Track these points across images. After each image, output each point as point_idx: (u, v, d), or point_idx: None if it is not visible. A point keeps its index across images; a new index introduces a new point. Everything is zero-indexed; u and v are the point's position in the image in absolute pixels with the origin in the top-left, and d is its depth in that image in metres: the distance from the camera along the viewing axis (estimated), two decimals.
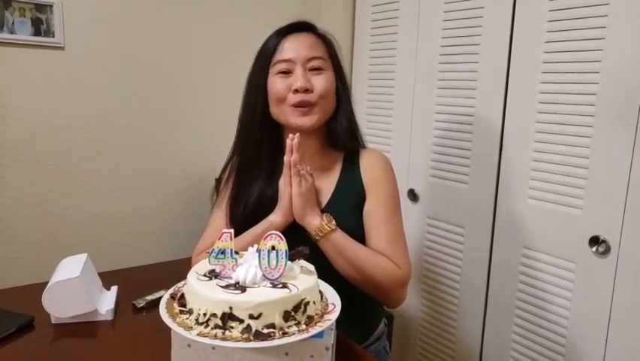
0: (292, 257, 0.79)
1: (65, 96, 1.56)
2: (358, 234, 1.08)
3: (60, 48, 1.53)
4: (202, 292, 0.74)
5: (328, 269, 0.97)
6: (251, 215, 1.09)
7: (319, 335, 0.75)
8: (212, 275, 0.79)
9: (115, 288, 1.18)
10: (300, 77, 1.05)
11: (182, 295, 0.81)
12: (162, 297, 0.82)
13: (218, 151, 1.27)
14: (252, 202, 1.10)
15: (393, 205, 1.11)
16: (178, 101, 1.77)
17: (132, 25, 1.65)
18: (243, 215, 1.10)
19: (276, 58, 1.08)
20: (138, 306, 1.12)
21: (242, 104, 1.15)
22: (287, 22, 1.12)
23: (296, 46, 1.07)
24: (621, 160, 1.23)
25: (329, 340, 0.76)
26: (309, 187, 1.04)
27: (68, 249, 1.26)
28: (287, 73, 1.07)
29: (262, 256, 0.77)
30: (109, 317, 1.07)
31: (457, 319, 1.70)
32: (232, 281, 0.77)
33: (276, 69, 1.07)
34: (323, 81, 1.07)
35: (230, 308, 0.71)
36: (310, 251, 0.83)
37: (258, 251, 0.77)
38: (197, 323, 0.73)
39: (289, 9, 1.89)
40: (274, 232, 0.77)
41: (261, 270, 0.76)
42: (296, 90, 1.05)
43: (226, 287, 0.75)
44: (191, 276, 0.79)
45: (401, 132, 1.84)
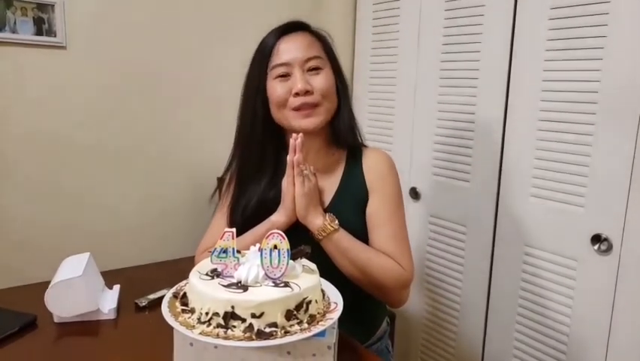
0: (294, 256, 0.79)
1: (67, 96, 1.57)
2: (361, 233, 1.07)
3: (62, 48, 1.53)
4: (204, 291, 0.74)
5: (330, 268, 0.97)
6: (251, 217, 1.08)
7: (321, 334, 0.75)
8: (214, 274, 0.79)
9: (117, 287, 1.18)
10: (299, 80, 1.04)
11: (184, 294, 0.81)
12: (164, 296, 0.82)
13: (220, 150, 1.26)
14: (253, 205, 1.09)
15: (396, 205, 1.11)
16: (180, 100, 1.77)
17: (134, 25, 1.65)
18: (242, 217, 1.10)
19: (274, 62, 1.07)
20: (140, 305, 1.12)
21: (240, 108, 1.14)
22: (287, 21, 1.11)
23: (292, 47, 1.06)
24: (623, 158, 1.23)
25: (331, 339, 0.76)
26: (313, 187, 1.03)
27: (71, 248, 1.26)
28: (285, 76, 1.06)
29: (264, 255, 0.76)
30: (111, 316, 1.07)
31: (459, 317, 1.70)
32: (234, 280, 0.77)
33: (275, 73, 1.07)
34: (322, 80, 1.07)
35: (232, 307, 0.71)
36: (312, 250, 0.83)
37: (260, 250, 0.77)
38: (199, 322, 0.73)
39: (290, 7, 1.89)
40: (276, 231, 0.77)
41: (263, 269, 0.76)
42: (296, 93, 1.04)
43: (228, 286, 0.75)
44: (193, 275, 0.79)
45: (403, 131, 1.84)
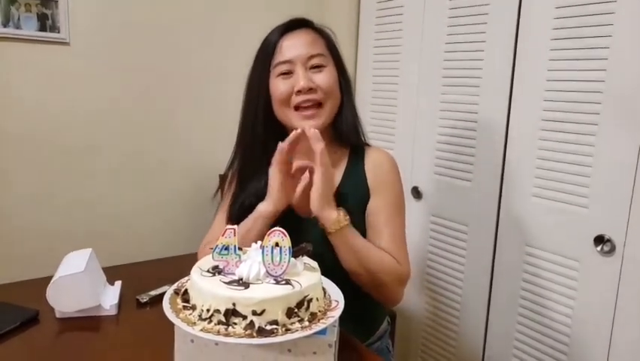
0: (296, 254, 0.79)
1: (70, 92, 1.57)
2: (360, 231, 1.07)
3: (65, 43, 1.53)
4: (205, 288, 0.74)
5: (332, 266, 0.96)
6: (248, 213, 1.07)
7: (322, 332, 0.75)
8: (215, 271, 0.79)
9: (119, 283, 1.18)
10: (302, 77, 1.04)
11: (185, 290, 0.81)
12: (166, 292, 0.82)
13: (222, 147, 1.27)
14: (251, 201, 1.08)
15: (397, 206, 1.11)
16: (182, 97, 1.77)
17: (137, 20, 1.65)
18: (239, 212, 1.09)
19: (276, 59, 1.06)
20: (142, 301, 1.13)
21: (243, 107, 1.14)
22: (289, 18, 1.11)
23: (295, 45, 1.06)
24: (627, 158, 1.22)
25: (332, 337, 0.76)
26: (331, 178, 1.01)
27: (73, 243, 1.26)
28: (288, 74, 1.06)
29: (266, 253, 0.76)
30: (113, 312, 1.07)
31: (460, 317, 1.70)
32: (235, 277, 0.77)
33: (277, 71, 1.06)
34: (326, 78, 1.06)
35: (233, 304, 0.71)
36: (313, 248, 0.83)
37: (262, 247, 0.77)
38: (200, 319, 0.73)
39: (294, 5, 1.89)
40: (277, 229, 0.77)
41: (265, 266, 0.76)
42: (299, 91, 1.04)
43: (229, 283, 0.75)
44: (194, 272, 0.79)
45: (405, 129, 1.84)
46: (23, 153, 1.52)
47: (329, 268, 0.88)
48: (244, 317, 0.71)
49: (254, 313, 0.71)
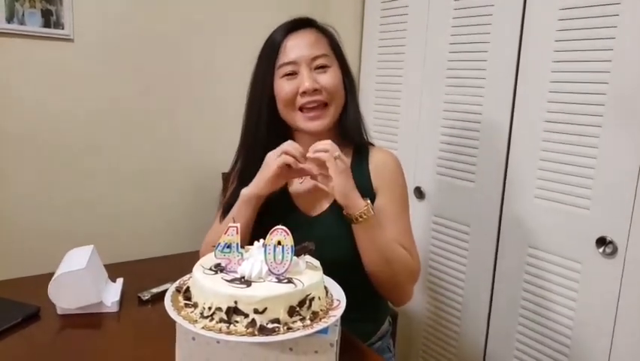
0: (298, 252, 0.79)
1: (74, 88, 1.57)
2: None
3: (69, 40, 1.53)
4: (207, 286, 0.74)
5: (333, 266, 0.96)
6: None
7: (324, 331, 0.75)
8: (217, 269, 0.79)
9: (120, 280, 1.18)
10: (307, 78, 1.03)
11: (187, 288, 0.81)
12: (167, 290, 0.82)
13: (225, 145, 1.26)
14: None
15: (402, 207, 1.11)
16: (186, 95, 1.77)
17: (141, 17, 1.65)
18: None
19: (281, 60, 1.06)
20: (143, 299, 1.13)
21: (246, 108, 1.13)
22: (293, 17, 1.11)
23: (299, 45, 1.06)
24: (629, 160, 1.22)
25: (334, 336, 0.76)
26: (347, 166, 0.99)
27: (75, 240, 1.26)
28: (293, 75, 1.05)
29: (268, 251, 0.77)
30: (114, 309, 1.07)
31: (462, 317, 1.70)
32: (237, 275, 0.77)
33: (282, 72, 1.06)
34: (330, 78, 1.06)
35: (235, 302, 0.71)
36: (315, 247, 0.82)
37: (264, 246, 0.77)
38: (202, 317, 0.73)
39: (297, 5, 1.89)
40: (280, 227, 0.77)
41: (267, 265, 0.76)
42: (304, 92, 1.04)
43: (231, 281, 0.75)
44: (196, 270, 0.79)
45: (408, 129, 1.84)
46: (23, 153, 1.52)
47: (331, 268, 0.88)
48: (246, 315, 0.71)
49: (255, 311, 0.71)
